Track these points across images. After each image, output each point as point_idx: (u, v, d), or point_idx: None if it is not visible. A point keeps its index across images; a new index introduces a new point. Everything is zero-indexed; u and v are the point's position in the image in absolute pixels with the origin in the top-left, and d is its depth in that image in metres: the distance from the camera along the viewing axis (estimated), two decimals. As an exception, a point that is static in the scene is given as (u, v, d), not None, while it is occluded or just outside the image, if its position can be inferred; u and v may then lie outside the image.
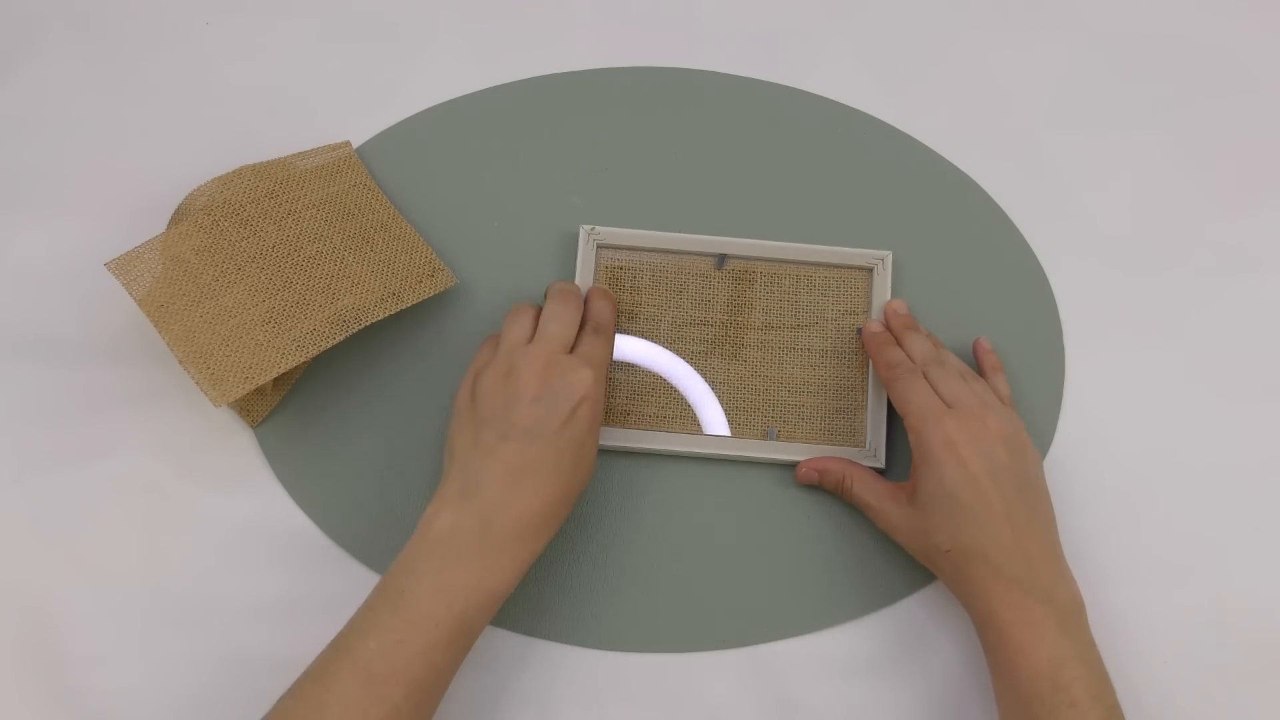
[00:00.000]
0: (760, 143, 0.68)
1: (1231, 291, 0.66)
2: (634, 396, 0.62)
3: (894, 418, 0.61)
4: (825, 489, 0.61)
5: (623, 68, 0.70)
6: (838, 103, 0.69)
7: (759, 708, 0.58)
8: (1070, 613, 0.53)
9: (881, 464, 0.61)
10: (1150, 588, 0.60)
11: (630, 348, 0.63)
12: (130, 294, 0.58)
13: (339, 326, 0.58)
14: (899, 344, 0.60)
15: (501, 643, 0.59)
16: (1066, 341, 0.65)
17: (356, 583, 0.59)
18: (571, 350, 0.57)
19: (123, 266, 0.59)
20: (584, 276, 0.63)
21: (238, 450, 0.62)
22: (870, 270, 0.64)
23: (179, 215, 0.63)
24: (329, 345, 0.58)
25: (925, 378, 0.57)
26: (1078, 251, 0.67)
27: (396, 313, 0.60)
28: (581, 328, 0.59)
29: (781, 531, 0.61)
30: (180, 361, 0.57)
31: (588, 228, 0.64)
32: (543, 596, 0.59)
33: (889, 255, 0.64)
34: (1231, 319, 0.66)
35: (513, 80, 0.69)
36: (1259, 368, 0.65)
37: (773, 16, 0.71)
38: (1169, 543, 0.61)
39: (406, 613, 0.50)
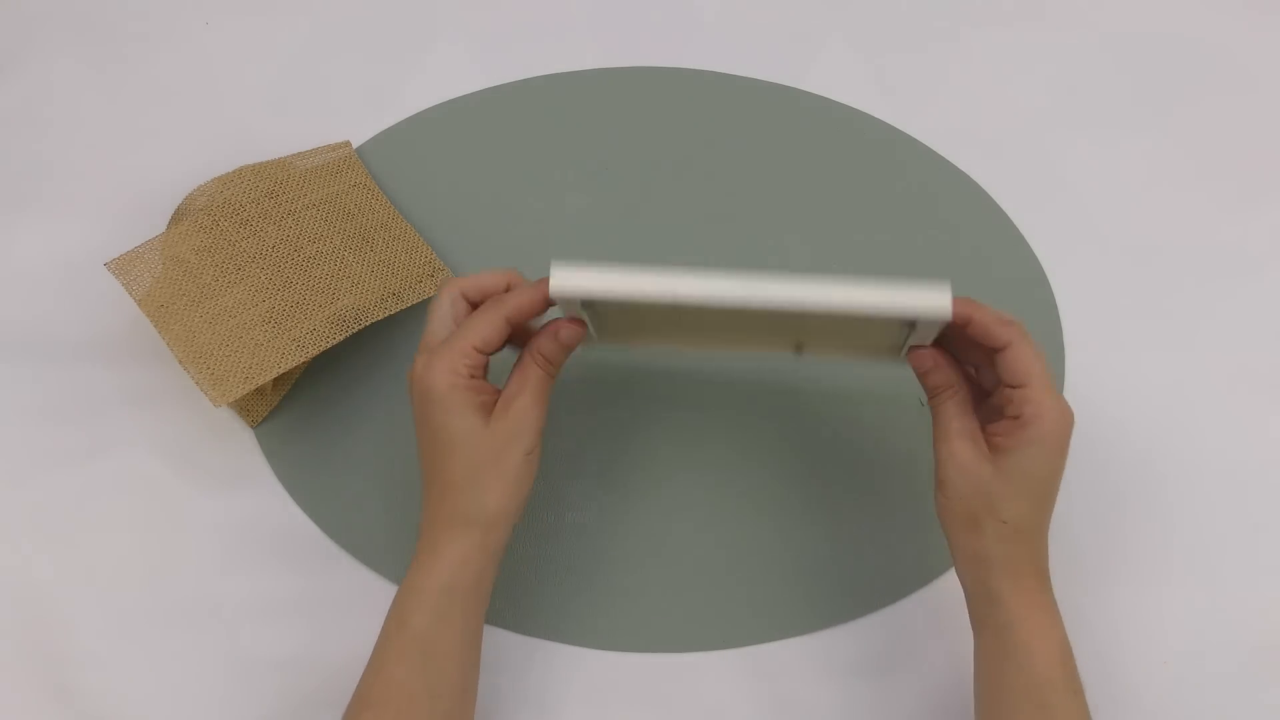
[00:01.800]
0: (760, 143, 0.68)
1: (1232, 292, 0.66)
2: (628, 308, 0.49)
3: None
4: (924, 385, 0.53)
5: (623, 68, 0.70)
6: (838, 103, 0.69)
7: (758, 708, 0.58)
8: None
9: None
10: (1150, 587, 0.60)
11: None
12: (130, 294, 0.58)
13: (339, 326, 0.59)
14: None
15: (501, 643, 0.59)
16: (1066, 341, 0.65)
17: (356, 583, 0.59)
18: None
19: (123, 266, 0.59)
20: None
21: (238, 450, 0.62)
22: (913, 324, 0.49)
23: (179, 215, 0.63)
24: (329, 345, 0.58)
25: None
26: (1078, 251, 0.66)
27: (396, 313, 0.60)
28: None
29: (781, 531, 0.61)
30: (180, 361, 0.57)
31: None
32: (542, 597, 0.59)
33: (948, 287, 0.46)
34: (1232, 319, 0.66)
35: (513, 80, 0.69)
36: (1259, 367, 0.64)
37: (771, 16, 0.72)
38: (1169, 542, 0.61)
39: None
